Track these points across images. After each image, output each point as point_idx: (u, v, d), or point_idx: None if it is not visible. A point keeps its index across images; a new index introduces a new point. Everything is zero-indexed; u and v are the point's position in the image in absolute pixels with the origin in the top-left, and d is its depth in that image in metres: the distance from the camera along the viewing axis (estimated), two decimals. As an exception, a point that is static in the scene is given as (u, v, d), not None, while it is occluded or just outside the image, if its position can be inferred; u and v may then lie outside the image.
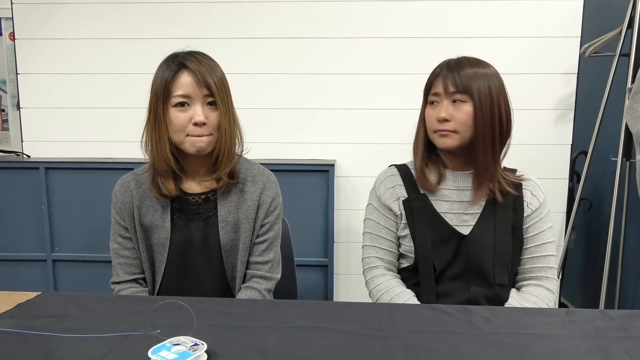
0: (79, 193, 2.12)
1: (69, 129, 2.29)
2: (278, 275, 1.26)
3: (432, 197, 1.22)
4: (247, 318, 0.91)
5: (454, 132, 1.16)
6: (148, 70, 1.16)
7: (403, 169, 1.28)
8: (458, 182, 1.22)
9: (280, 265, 1.28)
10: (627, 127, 1.86)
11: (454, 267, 1.19)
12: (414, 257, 1.21)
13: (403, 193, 1.24)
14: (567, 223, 2.18)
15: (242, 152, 1.24)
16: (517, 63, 2.12)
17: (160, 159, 1.14)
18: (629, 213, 2.07)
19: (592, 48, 2.04)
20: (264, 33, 2.18)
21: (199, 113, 1.10)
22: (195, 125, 1.10)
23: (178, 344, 0.76)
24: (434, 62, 1.21)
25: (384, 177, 1.29)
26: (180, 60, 1.11)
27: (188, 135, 1.12)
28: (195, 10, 2.18)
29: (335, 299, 2.21)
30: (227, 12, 2.17)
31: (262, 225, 1.23)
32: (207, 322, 0.88)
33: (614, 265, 2.10)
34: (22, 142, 2.31)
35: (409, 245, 1.21)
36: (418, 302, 1.18)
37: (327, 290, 2.15)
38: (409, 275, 1.24)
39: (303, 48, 2.18)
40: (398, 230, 1.24)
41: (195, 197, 1.21)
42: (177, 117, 1.11)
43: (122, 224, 1.21)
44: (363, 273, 1.28)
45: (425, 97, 1.22)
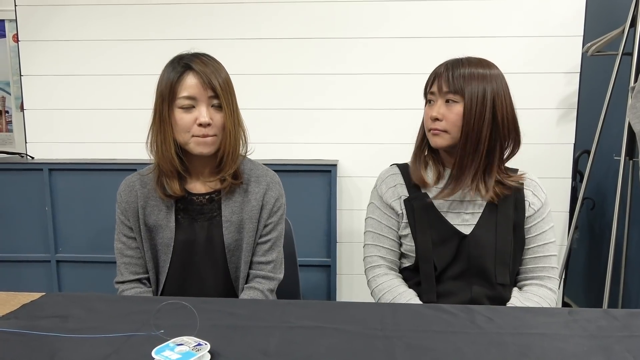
0: (83, 194, 2.13)
1: (73, 131, 2.30)
2: (280, 276, 1.26)
3: (432, 196, 1.21)
4: (250, 318, 0.92)
5: (445, 131, 1.16)
6: (151, 72, 1.17)
7: (404, 168, 1.27)
8: None
9: (283, 266, 1.28)
10: (629, 126, 1.85)
11: (456, 266, 1.18)
12: (415, 256, 1.21)
13: (404, 192, 1.24)
14: (570, 222, 2.17)
15: (246, 152, 1.24)
16: (519, 62, 2.12)
17: (166, 160, 1.15)
18: (632, 212, 2.07)
19: (594, 47, 2.03)
20: (266, 34, 2.18)
21: (204, 114, 1.11)
22: (200, 126, 1.11)
23: (181, 344, 0.76)
24: (436, 61, 1.21)
25: (386, 176, 1.28)
26: (186, 62, 1.12)
27: (193, 136, 1.12)
28: (198, 12, 2.18)
29: (338, 299, 2.22)
30: (229, 13, 2.18)
31: (265, 226, 1.23)
32: (210, 322, 0.88)
33: (617, 265, 2.09)
34: (25, 143, 2.33)
35: (410, 245, 1.21)
36: (420, 302, 1.18)
37: (329, 290, 2.15)
38: (410, 275, 1.24)
39: (305, 48, 2.18)
40: (399, 230, 1.24)
41: (200, 197, 1.21)
42: (182, 118, 1.12)
43: (126, 224, 1.22)
44: (365, 272, 1.28)
45: (425, 97, 1.23)
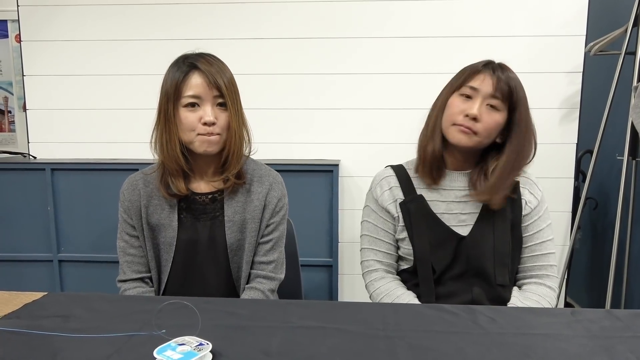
0: (85, 194, 2.13)
1: (75, 130, 2.30)
2: (282, 276, 1.26)
3: (429, 198, 1.20)
4: (252, 318, 0.91)
5: (475, 133, 1.12)
6: (153, 71, 1.17)
7: (399, 170, 1.25)
8: (454, 181, 1.20)
9: (284, 266, 1.28)
10: (632, 125, 1.85)
11: (455, 268, 1.17)
12: (413, 259, 1.20)
13: (400, 195, 1.22)
14: (572, 222, 2.17)
15: (249, 152, 1.24)
16: (521, 62, 2.11)
17: (171, 159, 1.15)
18: (635, 212, 2.06)
19: (597, 46, 2.02)
20: (268, 33, 2.18)
21: (209, 113, 1.11)
22: (205, 125, 1.11)
23: (183, 344, 0.76)
24: (438, 61, 1.20)
25: (380, 178, 1.26)
26: (191, 62, 1.12)
27: (198, 135, 1.12)
28: (199, 11, 2.18)
29: (340, 299, 2.21)
30: (230, 13, 2.18)
31: (267, 225, 1.23)
32: (212, 322, 0.88)
33: (620, 265, 2.09)
34: (28, 143, 2.33)
35: (408, 248, 1.20)
36: (419, 303, 1.17)
37: (331, 290, 2.15)
38: (409, 277, 1.23)
39: (307, 48, 2.18)
40: (396, 233, 1.23)
41: (203, 196, 1.21)
42: (187, 117, 1.12)
43: (129, 223, 1.22)
44: (362, 276, 1.27)
45: (457, 86, 1.15)
